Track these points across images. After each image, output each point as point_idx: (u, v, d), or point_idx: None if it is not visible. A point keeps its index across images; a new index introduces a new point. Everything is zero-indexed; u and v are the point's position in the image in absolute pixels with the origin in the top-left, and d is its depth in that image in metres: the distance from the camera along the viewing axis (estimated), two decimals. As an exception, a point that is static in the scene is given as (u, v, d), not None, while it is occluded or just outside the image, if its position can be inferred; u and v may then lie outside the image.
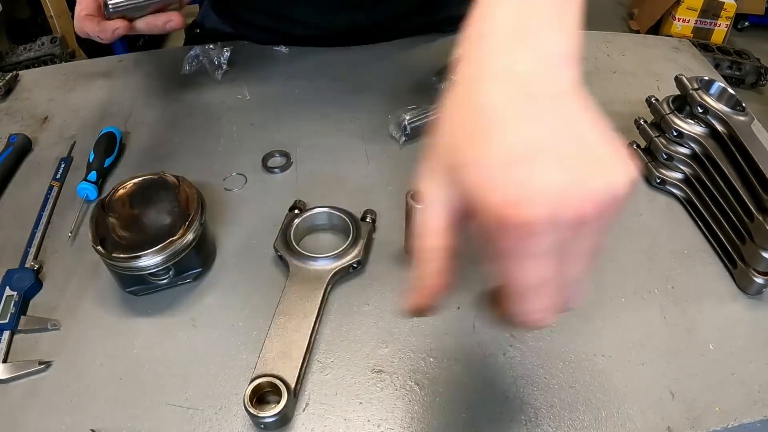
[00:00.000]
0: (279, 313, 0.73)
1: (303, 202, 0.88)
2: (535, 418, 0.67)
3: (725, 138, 0.84)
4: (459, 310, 0.77)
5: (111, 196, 0.78)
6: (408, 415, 0.67)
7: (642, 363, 0.72)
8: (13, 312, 0.75)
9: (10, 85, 1.18)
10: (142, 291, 0.77)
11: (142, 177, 0.80)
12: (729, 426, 0.66)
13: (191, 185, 0.80)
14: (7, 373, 0.70)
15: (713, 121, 0.86)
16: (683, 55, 1.29)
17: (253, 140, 1.05)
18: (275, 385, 0.64)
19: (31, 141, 1.04)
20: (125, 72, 1.23)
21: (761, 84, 3.26)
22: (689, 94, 0.90)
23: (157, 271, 0.74)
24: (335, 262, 0.79)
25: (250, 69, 1.23)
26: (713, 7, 3.49)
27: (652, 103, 0.95)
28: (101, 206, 0.77)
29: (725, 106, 0.89)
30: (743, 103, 0.90)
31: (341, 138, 1.06)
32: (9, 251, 0.85)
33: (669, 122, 0.89)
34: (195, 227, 0.75)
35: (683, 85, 0.92)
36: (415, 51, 1.27)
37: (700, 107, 0.87)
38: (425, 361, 0.72)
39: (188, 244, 0.74)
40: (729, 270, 0.82)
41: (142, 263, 0.72)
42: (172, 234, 0.73)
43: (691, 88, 0.90)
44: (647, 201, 0.93)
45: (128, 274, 0.74)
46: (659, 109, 0.93)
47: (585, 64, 1.30)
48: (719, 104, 0.87)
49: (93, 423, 0.66)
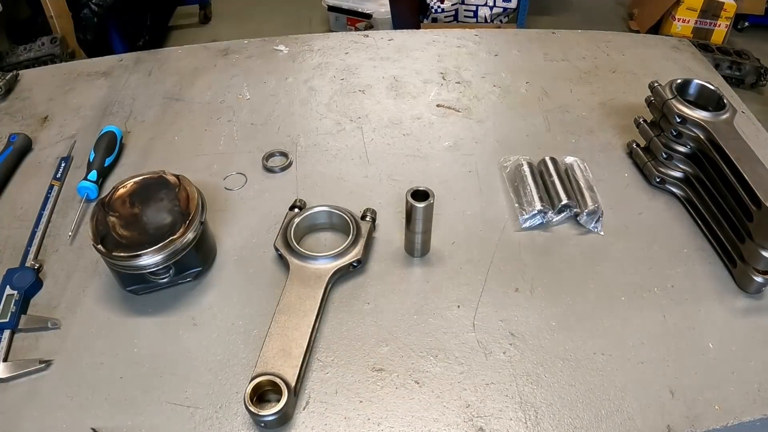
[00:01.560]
0: (279, 312, 0.73)
1: (303, 201, 0.88)
2: (535, 416, 0.67)
3: (707, 144, 0.85)
4: (459, 308, 0.77)
5: (111, 195, 0.78)
6: (408, 414, 0.67)
7: (642, 361, 0.72)
8: (13, 311, 0.75)
9: (10, 85, 1.18)
10: (142, 290, 0.77)
11: (143, 176, 0.81)
12: (728, 424, 0.66)
13: (191, 184, 0.80)
14: (8, 372, 0.70)
15: (694, 129, 0.87)
16: (683, 55, 1.30)
17: (253, 140, 1.05)
18: (275, 384, 0.64)
19: (31, 141, 1.04)
20: (125, 72, 1.23)
21: (761, 84, 3.25)
22: (666, 105, 0.89)
23: (157, 270, 0.74)
24: (335, 261, 0.79)
25: (250, 69, 1.23)
26: (713, 7, 3.49)
27: (655, 87, 0.94)
28: (102, 205, 0.77)
29: (705, 107, 0.89)
30: (724, 98, 0.89)
31: (341, 138, 1.06)
32: (9, 250, 0.85)
33: (671, 107, 0.88)
34: (195, 226, 0.75)
35: (659, 95, 0.92)
36: (420, 50, 1.28)
37: (678, 117, 0.87)
38: (425, 360, 0.72)
39: (188, 243, 0.74)
40: (729, 269, 0.82)
41: (143, 262, 0.72)
42: (173, 233, 0.73)
43: (667, 97, 0.90)
44: (647, 200, 0.93)
45: (129, 273, 0.74)
46: (662, 94, 0.91)
47: (585, 63, 1.31)
48: (696, 111, 0.87)
49: (93, 422, 0.66)
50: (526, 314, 0.77)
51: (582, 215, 0.87)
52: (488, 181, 0.96)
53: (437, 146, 1.03)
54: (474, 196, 0.93)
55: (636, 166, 0.99)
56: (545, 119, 1.10)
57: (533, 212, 0.87)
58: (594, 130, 1.07)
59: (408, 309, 0.77)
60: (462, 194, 0.94)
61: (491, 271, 0.82)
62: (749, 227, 0.77)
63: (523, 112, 1.11)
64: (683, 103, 0.88)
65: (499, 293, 0.79)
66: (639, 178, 0.97)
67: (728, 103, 0.88)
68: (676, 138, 0.90)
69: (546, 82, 1.19)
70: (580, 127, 1.08)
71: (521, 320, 0.76)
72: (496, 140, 1.05)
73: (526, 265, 0.83)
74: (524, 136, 1.06)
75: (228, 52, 1.28)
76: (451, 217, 0.90)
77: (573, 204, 0.88)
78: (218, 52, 1.28)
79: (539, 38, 1.34)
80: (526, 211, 0.88)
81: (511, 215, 0.90)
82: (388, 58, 1.26)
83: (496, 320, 0.76)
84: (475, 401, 0.68)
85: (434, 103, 1.13)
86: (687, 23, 3.59)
